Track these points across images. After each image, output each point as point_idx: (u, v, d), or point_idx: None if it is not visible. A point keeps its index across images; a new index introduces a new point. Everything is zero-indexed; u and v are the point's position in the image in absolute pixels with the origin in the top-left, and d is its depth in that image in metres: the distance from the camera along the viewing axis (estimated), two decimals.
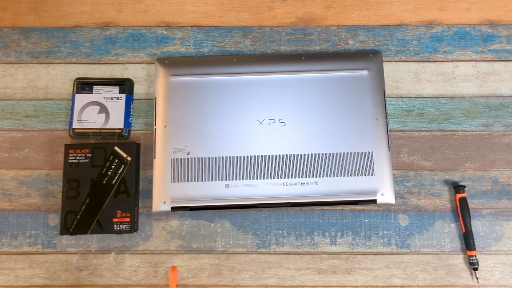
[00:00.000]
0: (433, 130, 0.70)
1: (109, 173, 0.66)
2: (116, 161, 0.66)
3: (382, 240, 0.67)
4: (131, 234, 0.67)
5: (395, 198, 0.66)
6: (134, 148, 0.67)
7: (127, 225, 0.65)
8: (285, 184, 0.65)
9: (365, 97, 0.68)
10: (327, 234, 0.68)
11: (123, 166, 0.66)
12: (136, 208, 0.67)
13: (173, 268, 0.65)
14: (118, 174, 0.66)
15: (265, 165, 0.65)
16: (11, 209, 0.68)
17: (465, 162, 0.69)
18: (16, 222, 0.68)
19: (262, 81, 0.68)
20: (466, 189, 0.68)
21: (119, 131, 0.68)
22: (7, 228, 0.68)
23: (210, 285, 0.66)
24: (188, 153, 0.66)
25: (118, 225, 0.65)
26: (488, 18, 0.73)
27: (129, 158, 0.67)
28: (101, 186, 0.66)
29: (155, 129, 0.67)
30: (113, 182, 0.66)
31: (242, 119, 0.67)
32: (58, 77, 0.72)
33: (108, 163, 0.66)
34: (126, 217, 0.65)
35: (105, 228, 0.65)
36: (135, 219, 0.66)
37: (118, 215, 0.65)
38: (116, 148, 0.67)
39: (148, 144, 0.70)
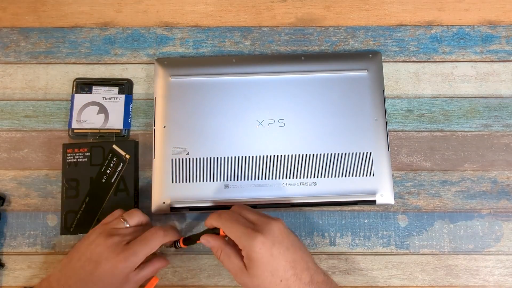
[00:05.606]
0: (433, 130, 0.70)
1: (108, 171, 0.66)
2: (114, 159, 0.66)
3: (381, 241, 0.67)
4: None
5: (395, 198, 0.65)
6: (132, 146, 0.67)
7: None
8: (284, 184, 0.65)
9: (364, 97, 0.68)
10: (326, 234, 0.67)
11: (121, 164, 0.66)
12: (136, 205, 0.67)
13: (155, 278, 0.64)
14: (117, 173, 0.66)
15: (265, 165, 0.65)
16: (10, 210, 0.68)
17: (465, 162, 0.69)
18: (15, 222, 0.68)
19: (261, 81, 0.68)
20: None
21: (119, 131, 0.68)
22: (6, 228, 0.67)
23: (210, 285, 0.66)
24: (188, 154, 0.66)
25: None
26: (487, 19, 0.73)
27: (127, 156, 0.67)
28: (101, 185, 0.66)
29: (154, 129, 0.67)
30: (112, 180, 0.66)
31: (242, 119, 0.67)
32: (57, 77, 0.72)
33: (106, 162, 0.66)
34: None
35: None
36: None
37: None
38: (114, 146, 0.67)
39: (147, 144, 0.69)
